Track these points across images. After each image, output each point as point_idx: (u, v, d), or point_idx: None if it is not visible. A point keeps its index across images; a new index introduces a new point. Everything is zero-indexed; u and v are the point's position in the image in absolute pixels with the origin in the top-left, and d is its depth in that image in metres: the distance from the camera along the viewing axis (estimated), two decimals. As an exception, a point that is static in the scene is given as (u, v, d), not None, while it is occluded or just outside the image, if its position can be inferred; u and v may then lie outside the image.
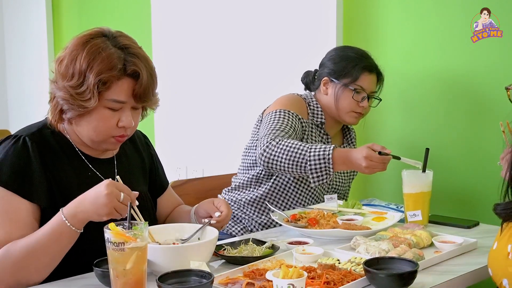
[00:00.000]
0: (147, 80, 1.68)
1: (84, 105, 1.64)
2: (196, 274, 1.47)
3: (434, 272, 1.66)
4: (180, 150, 3.57)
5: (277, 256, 1.73)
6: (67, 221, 1.54)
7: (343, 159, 2.12)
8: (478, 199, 2.44)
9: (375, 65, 2.41)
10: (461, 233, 2.00)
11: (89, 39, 1.68)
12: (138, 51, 1.71)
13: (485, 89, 2.40)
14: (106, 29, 1.73)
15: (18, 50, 4.82)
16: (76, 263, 1.65)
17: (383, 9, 2.68)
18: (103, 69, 1.63)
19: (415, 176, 2.15)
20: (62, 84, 1.66)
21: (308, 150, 2.12)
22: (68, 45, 1.70)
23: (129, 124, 1.71)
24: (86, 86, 1.63)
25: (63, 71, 1.67)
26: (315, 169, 2.12)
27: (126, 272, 1.36)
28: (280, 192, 2.41)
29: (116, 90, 1.66)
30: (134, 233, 1.37)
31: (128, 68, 1.66)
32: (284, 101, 2.40)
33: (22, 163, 1.65)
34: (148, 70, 1.70)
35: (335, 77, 2.38)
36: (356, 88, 2.35)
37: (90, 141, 1.74)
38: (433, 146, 2.30)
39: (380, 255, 1.68)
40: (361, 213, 2.22)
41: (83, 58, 1.64)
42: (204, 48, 3.38)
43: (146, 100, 1.72)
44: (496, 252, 1.48)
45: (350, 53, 2.40)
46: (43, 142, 1.72)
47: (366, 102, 2.38)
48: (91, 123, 1.68)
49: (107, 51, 1.65)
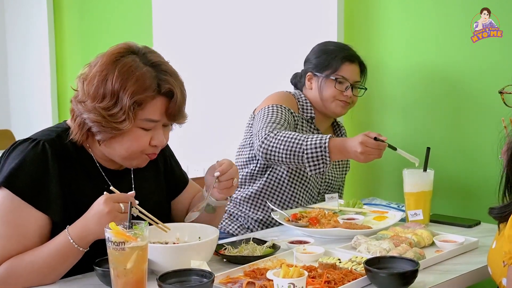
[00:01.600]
0: (180, 98, 1.65)
1: (118, 127, 1.59)
2: (197, 273, 1.47)
3: (435, 271, 1.66)
4: (181, 150, 3.56)
5: (277, 255, 1.73)
6: (75, 243, 1.53)
7: (339, 148, 2.14)
8: (479, 198, 2.44)
9: (355, 55, 2.46)
10: (462, 232, 2.00)
11: (119, 57, 1.61)
12: (169, 68, 1.67)
13: (485, 88, 2.40)
14: (134, 45, 1.67)
15: (19, 50, 4.82)
16: (77, 263, 1.65)
17: (384, 9, 2.68)
18: (138, 89, 1.58)
19: (416, 175, 2.15)
20: (91, 105, 1.59)
21: (305, 140, 2.14)
22: (95, 63, 1.63)
23: (162, 143, 1.68)
24: (120, 107, 1.57)
25: (92, 92, 1.59)
26: (311, 158, 2.13)
27: (126, 272, 1.36)
28: (275, 188, 2.42)
29: (150, 109, 1.62)
30: (135, 232, 1.37)
31: (162, 87, 1.62)
32: (275, 97, 2.43)
33: (39, 172, 1.59)
34: (181, 87, 1.67)
35: (317, 71, 2.44)
36: (338, 77, 2.40)
37: (120, 160, 1.69)
38: (434, 145, 2.30)
39: (381, 254, 1.68)
40: (362, 212, 2.22)
41: (115, 78, 1.57)
42: (205, 48, 3.38)
43: (179, 118, 1.68)
44: (496, 251, 1.48)
45: (331, 46, 2.47)
46: (62, 151, 1.65)
47: (350, 91, 2.41)
48: (123, 144, 1.64)
49: (139, 70, 1.59)
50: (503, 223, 1.47)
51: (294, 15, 2.91)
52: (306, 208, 2.29)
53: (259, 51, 3.09)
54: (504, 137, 1.66)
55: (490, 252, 1.54)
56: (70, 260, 1.57)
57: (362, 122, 2.78)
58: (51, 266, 1.55)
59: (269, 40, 3.04)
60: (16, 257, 1.56)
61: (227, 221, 2.47)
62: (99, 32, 4.17)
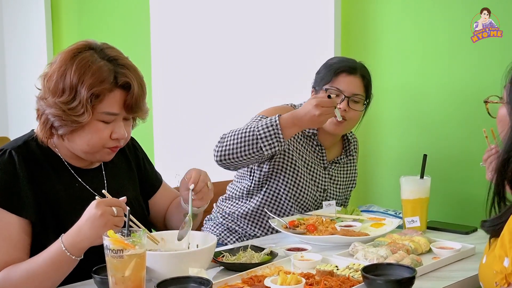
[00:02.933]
0: (138, 91, 1.69)
1: (78, 120, 1.63)
2: (195, 280, 1.47)
3: (432, 278, 1.67)
4: (179, 157, 3.57)
5: (275, 262, 1.73)
6: (67, 251, 1.54)
7: (291, 121, 2.11)
8: (476, 205, 2.43)
9: (357, 67, 2.33)
10: (459, 239, 2.01)
11: (76, 53, 1.67)
12: (126, 62, 1.72)
13: (484, 90, 2.39)
14: (92, 41, 1.73)
15: (17, 56, 4.82)
16: (75, 270, 1.65)
17: (382, 10, 2.68)
18: (95, 82, 1.63)
19: (413, 182, 2.15)
20: (52, 100, 1.64)
21: (256, 126, 2.12)
22: (55, 60, 1.69)
23: (123, 135, 1.71)
24: (78, 101, 1.62)
25: (52, 87, 1.65)
26: (265, 137, 2.10)
27: (125, 279, 1.36)
28: (272, 204, 2.38)
29: (108, 102, 1.66)
30: (133, 240, 1.38)
31: (119, 79, 1.66)
32: (271, 110, 2.36)
33: (9, 177, 1.64)
34: (138, 80, 1.71)
35: (316, 85, 2.37)
36: (329, 89, 2.29)
37: (83, 154, 1.73)
38: (430, 152, 2.30)
39: (378, 261, 1.68)
40: (360, 219, 2.22)
41: (73, 73, 1.63)
42: (203, 55, 3.39)
43: (137, 111, 1.72)
44: (486, 266, 1.48)
45: (332, 61, 2.38)
46: (29, 155, 1.71)
47: (344, 104, 2.28)
48: (84, 137, 1.68)
49: (96, 64, 1.65)
50: (494, 238, 1.48)
51: (290, 24, 2.92)
52: (304, 215, 2.30)
53: (256, 59, 3.10)
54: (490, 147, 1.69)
55: (481, 267, 1.54)
56: (64, 269, 1.57)
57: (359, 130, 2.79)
58: (45, 275, 1.56)
59: (266, 48, 3.04)
60: (11, 266, 1.58)
61: (226, 233, 2.46)
62: (97, 36, 4.17)
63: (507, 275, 1.33)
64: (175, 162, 3.56)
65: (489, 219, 1.50)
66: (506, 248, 1.33)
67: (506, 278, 1.34)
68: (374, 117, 2.74)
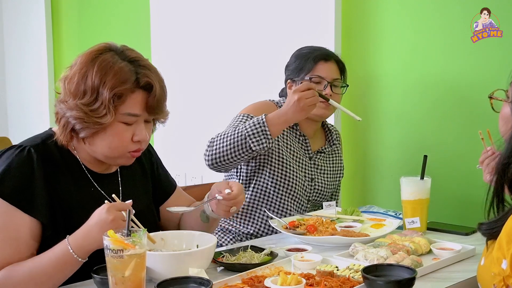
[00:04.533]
0: (159, 92, 1.67)
1: (100, 121, 1.62)
2: (195, 281, 1.47)
3: (433, 279, 1.67)
4: (179, 157, 3.57)
5: (275, 263, 1.73)
6: (74, 253, 1.54)
7: (277, 118, 2.15)
8: (476, 206, 2.42)
9: (330, 53, 2.43)
10: (459, 240, 2.01)
11: (97, 54, 1.66)
12: (147, 63, 1.71)
13: (485, 90, 2.38)
14: (112, 44, 1.72)
15: (17, 58, 4.82)
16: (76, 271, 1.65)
17: (382, 10, 2.68)
18: (117, 83, 1.61)
19: (413, 183, 2.15)
20: (73, 102, 1.63)
21: (244, 126, 2.16)
22: (75, 63, 1.68)
23: (144, 137, 1.70)
24: (100, 102, 1.61)
25: (73, 89, 1.64)
26: (253, 135, 2.14)
27: (125, 279, 1.36)
28: (262, 200, 2.39)
29: (130, 103, 1.65)
30: (133, 240, 1.37)
31: (141, 80, 1.65)
32: (251, 107, 2.42)
33: (25, 176, 1.62)
34: (160, 81, 1.69)
35: (294, 76, 2.42)
36: (312, 77, 2.37)
37: (104, 158, 1.72)
38: (431, 153, 2.30)
39: (379, 262, 1.68)
40: (360, 220, 2.22)
41: (95, 74, 1.62)
42: (203, 55, 3.39)
43: (159, 112, 1.71)
44: (484, 268, 1.48)
45: (304, 50, 2.45)
46: (47, 154, 1.68)
47: (329, 89, 2.37)
48: (105, 140, 1.66)
49: (117, 65, 1.63)
50: (491, 240, 1.48)
51: (291, 23, 2.92)
52: (304, 215, 2.30)
53: (257, 58, 3.10)
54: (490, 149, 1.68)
55: (479, 269, 1.54)
56: (68, 270, 1.57)
57: (359, 130, 2.79)
58: (49, 275, 1.56)
59: (266, 48, 3.04)
60: (14, 264, 1.57)
61: (220, 233, 2.46)
62: (97, 37, 4.17)
63: (505, 277, 1.33)
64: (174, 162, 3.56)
65: (486, 222, 1.50)
66: (504, 250, 1.33)
67: (504, 280, 1.34)
68: (374, 118, 2.74)
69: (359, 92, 2.79)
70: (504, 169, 1.44)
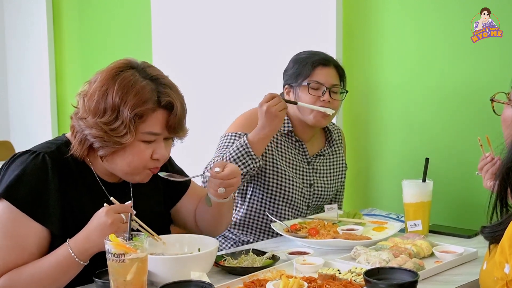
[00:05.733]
0: (180, 111, 1.66)
1: (120, 141, 1.60)
2: (197, 285, 1.47)
3: (435, 282, 1.67)
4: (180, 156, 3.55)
5: (277, 266, 1.73)
6: (75, 256, 1.54)
7: (257, 134, 2.16)
8: (478, 208, 2.41)
9: (329, 58, 2.37)
10: (461, 243, 2.01)
11: (118, 72, 1.63)
12: (168, 81, 1.69)
13: (485, 91, 2.38)
14: (133, 60, 1.69)
15: (19, 59, 4.82)
16: (77, 274, 1.65)
17: (382, 12, 2.68)
18: (138, 102, 1.59)
19: (415, 185, 2.15)
20: (93, 121, 1.60)
21: (229, 151, 2.18)
22: (95, 79, 1.65)
23: (164, 156, 1.69)
24: (121, 121, 1.59)
25: (93, 107, 1.61)
26: (238, 158, 2.15)
27: (126, 283, 1.36)
28: (259, 210, 2.38)
29: (151, 122, 1.63)
30: (135, 244, 1.37)
31: (162, 99, 1.63)
32: (240, 121, 2.39)
33: (39, 183, 1.60)
34: (181, 100, 1.68)
35: (292, 82, 2.37)
36: (310, 82, 2.31)
37: (123, 175, 1.70)
38: (433, 155, 2.30)
39: (381, 265, 1.68)
40: (362, 223, 2.22)
41: (115, 92, 1.59)
42: (204, 55, 3.39)
43: (179, 131, 1.69)
44: (486, 272, 1.48)
45: (302, 55, 2.40)
46: (61, 163, 1.66)
47: (327, 95, 2.30)
48: (125, 159, 1.64)
49: (139, 83, 1.61)
50: (494, 244, 1.47)
51: (292, 24, 2.91)
52: (306, 219, 2.29)
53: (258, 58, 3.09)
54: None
55: (481, 273, 1.53)
56: (70, 274, 1.57)
57: (360, 132, 2.79)
58: (51, 279, 1.56)
59: (267, 48, 3.04)
60: (16, 269, 1.56)
61: (221, 239, 2.45)
62: (98, 41, 4.18)
63: (508, 281, 1.33)
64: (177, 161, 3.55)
65: (488, 226, 1.50)
66: (506, 254, 1.33)
67: (507, 285, 1.33)
68: (376, 120, 2.74)
69: (361, 94, 2.78)
70: (508, 173, 1.43)
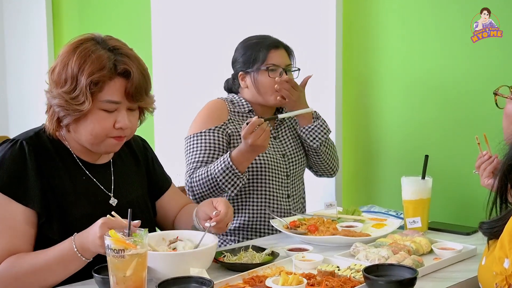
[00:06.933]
0: (138, 79, 1.69)
1: (79, 108, 1.64)
2: (196, 281, 1.47)
3: (434, 278, 1.67)
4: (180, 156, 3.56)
5: (276, 263, 1.73)
6: (78, 252, 1.56)
7: (241, 154, 2.18)
8: (478, 205, 2.42)
9: (279, 41, 2.45)
10: (460, 240, 2.01)
11: (79, 44, 1.70)
12: (128, 52, 1.73)
13: (485, 90, 2.39)
14: (97, 34, 1.75)
15: (18, 56, 4.83)
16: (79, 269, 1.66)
17: (383, 10, 2.68)
18: (94, 70, 1.64)
19: (414, 182, 2.15)
20: (56, 91, 1.67)
21: (214, 171, 2.20)
22: (60, 53, 1.72)
23: (126, 124, 1.71)
24: (79, 90, 1.64)
25: (56, 79, 1.68)
26: (226, 180, 2.19)
27: (126, 279, 1.36)
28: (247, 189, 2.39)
29: (109, 90, 1.67)
30: (134, 240, 1.38)
31: (118, 67, 1.67)
32: (200, 119, 2.42)
33: (18, 167, 1.67)
34: (140, 69, 1.71)
35: (247, 68, 2.42)
36: (268, 66, 2.38)
37: (89, 145, 1.74)
38: (432, 152, 2.30)
39: (380, 262, 1.68)
40: (361, 220, 2.22)
41: (74, 63, 1.65)
42: (204, 53, 3.39)
43: (140, 99, 1.72)
44: (485, 267, 1.48)
45: (252, 40, 2.46)
46: (39, 146, 1.73)
47: (285, 75, 2.39)
48: (87, 127, 1.69)
49: (96, 53, 1.66)
50: (493, 240, 1.48)
51: (292, 22, 2.91)
52: (305, 215, 2.30)
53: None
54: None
55: (480, 268, 1.54)
56: (72, 268, 1.59)
57: (360, 130, 2.79)
58: (52, 271, 1.58)
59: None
60: (16, 256, 1.59)
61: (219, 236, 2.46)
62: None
63: (507, 276, 1.33)
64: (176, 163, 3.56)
65: (487, 221, 1.50)
66: (506, 249, 1.33)
67: (506, 280, 1.33)
68: (375, 118, 2.74)
69: (360, 92, 2.79)
70: (510, 170, 1.43)
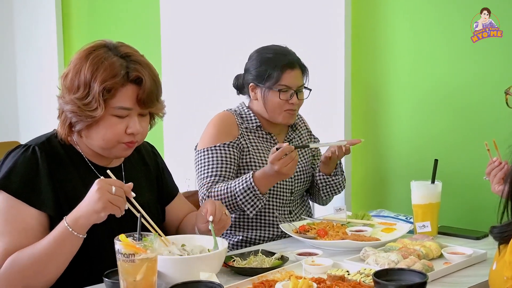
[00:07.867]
0: (150, 85, 1.71)
1: (92, 114, 1.66)
2: (206, 285, 1.47)
3: (444, 283, 1.67)
4: (189, 161, 3.56)
5: (286, 267, 1.73)
6: (69, 227, 1.58)
7: (263, 177, 2.17)
8: (487, 210, 2.41)
9: (295, 59, 2.40)
10: (470, 244, 2.00)
11: (91, 51, 1.72)
12: (140, 59, 1.74)
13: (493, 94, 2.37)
14: (108, 41, 1.77)
15: (28, 63, 4.85)
16: (87, 274, 1.66)
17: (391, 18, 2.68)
18: (107, 77, 1.66)
19: (424, 187, 2.15)
20: (69, 97, 1.69)
21: (235, 189, 2.19)
22: (72, 59, 1.74)
23: (137, 130, 1.72)
24: (92, 96, 1.66)
25: (68, 85, 1.70)
26: (246, 201, 2.19)
27: (136, 283, 1.37)
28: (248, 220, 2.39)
29: (121, 97, 1.68)
30: (144, 244, 1.38)
31: (131, 74, 1.69)
32: (212, 132, 2.39)
33: (31, 172, 1.69)
34: (151, 75, 1.73)
35: (259, 82, 2.39)
36: (281, 88, 2.35)
37: (101, 150, 1.76)
38: (442, 156, 2.29)
39: (390, 266, 1.68)
40: (370, 224, 2.22)
41: (87, 69, 1.67)
42: (213, 56, 3.39)
43: (151, 105, 1.74)
44: (496, 273, 1.47)
45: (268, 54, 2.40)
46: (51, 151, 1.75)
47: (295, 98, 2.37)
48: (99, 132, 1.71)
49: (109, 60, 1.68)
50: (503, 245, 1.47)
51: (300, 24, 2.92)
52: (314, 219, 2.30)
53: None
54: None
55: (491, 273, 1.53)
56: (67, 247, 1.60)
57: (369, 134, 2.79)
58: (49, 255, 1.59)
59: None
60: (18, 251, 1.61)
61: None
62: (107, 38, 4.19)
63: None
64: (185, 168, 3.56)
65: (498, 226, 1.49)
66: None
67: None
68: (384, 122, 2.73)
69: (369, 96, 2.78)
70: None
